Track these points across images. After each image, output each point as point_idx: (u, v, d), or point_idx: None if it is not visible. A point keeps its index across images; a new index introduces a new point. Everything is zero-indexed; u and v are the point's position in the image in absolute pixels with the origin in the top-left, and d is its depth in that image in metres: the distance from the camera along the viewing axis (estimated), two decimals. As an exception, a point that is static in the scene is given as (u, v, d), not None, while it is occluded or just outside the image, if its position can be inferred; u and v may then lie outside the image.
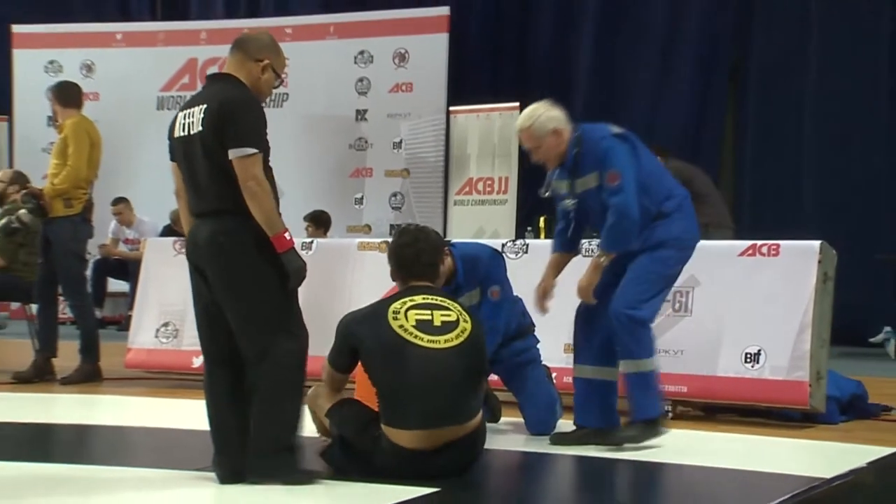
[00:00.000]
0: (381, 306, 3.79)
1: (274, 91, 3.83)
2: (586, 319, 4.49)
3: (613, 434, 4.36)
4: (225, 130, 3.46)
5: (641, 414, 4.32)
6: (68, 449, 4.67)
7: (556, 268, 4.58)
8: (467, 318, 3.77)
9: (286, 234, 3.49)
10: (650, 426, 4.30)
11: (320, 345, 6.03)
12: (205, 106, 3.53)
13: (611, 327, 4.31)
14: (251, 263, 3.50)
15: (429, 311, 3.73)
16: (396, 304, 3.74)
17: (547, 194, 4.57)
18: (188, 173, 3.59)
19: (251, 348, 3.54)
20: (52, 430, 5.00)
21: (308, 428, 4.08)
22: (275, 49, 3.70)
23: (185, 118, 3.59)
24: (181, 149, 3.60)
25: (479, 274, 4.62)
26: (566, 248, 4.61)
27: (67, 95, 6.52)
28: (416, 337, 3.64)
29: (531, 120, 4.45)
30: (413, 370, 3.61)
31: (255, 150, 3.46)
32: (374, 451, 3.71)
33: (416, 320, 3.68)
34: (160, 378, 6.43)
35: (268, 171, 3.54)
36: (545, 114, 4.45)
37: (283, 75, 3.73)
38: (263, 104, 3.62)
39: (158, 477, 3.74)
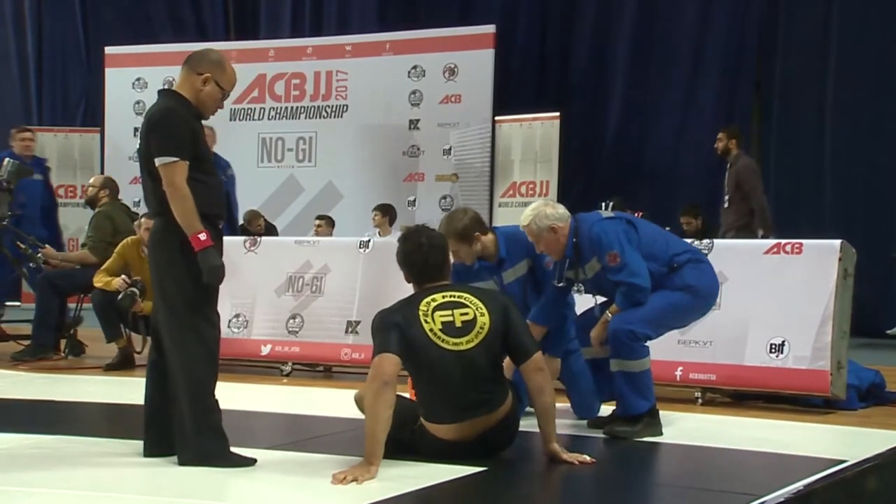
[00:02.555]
0: (411, 308, 3.68)
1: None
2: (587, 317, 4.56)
3: (611, 426, 4.30)
4: (149, 141, 3.53)
5: (629, 410, 4.25)
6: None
7: None
8: (484, 311, 3.67)
9: (201, 235, 3.46)
10: (637, 421, 4.23)
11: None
12: (144, 120, 3.64)
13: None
14: (173, 261, 3.53)
15: (450, 312, 3.65)
16: (423, 306, 3.66)
17: (562, 284, 4.48)
18: (141, 177, 3.68)
19: (168, 338, 3.56)
20: (129, 410, 5.05)
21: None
22: (219, 65, 3.65)
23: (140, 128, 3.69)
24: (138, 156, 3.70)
25: (523, 248, 4.58)
26: (543, 322, 4.49)
27: None
28: (443, 341, 3.59)
29: (529, 219, 4.41)
30: (444, 372, 3.59)
31: (174, 159, 3.47)
32: (416, 442, 3.70)
33: (442, 323, 3.62)
34: (232, 364, 6.46)
35: (200, 172, 3.52)
36: (542, 212, 4.39)
37: (228, 91, 3.68)
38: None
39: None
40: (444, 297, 3.70)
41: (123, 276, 6.35)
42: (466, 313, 3.67)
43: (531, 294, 4.64)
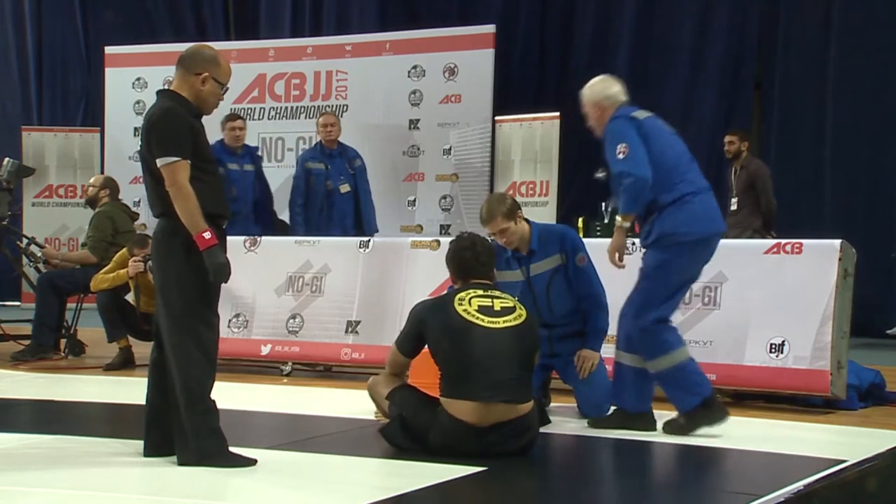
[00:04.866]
0: (448, 296, 3.94)
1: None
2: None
3: (655, 423, 4.31)
4: (149, 142, 3.54)
5: (680, 406, 4.27)
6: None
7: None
8: (522, 307, 3.94)
9: (205, 234, 3.46)
10: (692, 416, 4.22)
11: (377, 333, 6.12)
12: (144, 121, 3.64)
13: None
14: (176, 263, 3.53)
15: (489, 299, 3.88)
16: (461, 294, 3.89)
17: (602, 174, 4.53)
18: (143, 178, 3.68)
19: (168, 339, 3.56)
20: (129, 410, 5.05)
21: (360, 410, 4.08)
22: (214, 61, 3.66)
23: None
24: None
25: (555, 242, 4.69)
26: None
27: None
28: (478, 319, 3.78)
29: (586, 88, 4.52)
30: (476, 346, 3.73)
31: (175, 158, 3.48)
32: (431, 427, 3.73)
33: (479, 306, 3.83)
34: (232, 364, 6.46)
35: (202, 171, 3.53)
36: (596, 87, 4.48)
37: (226, 85, 3.69)
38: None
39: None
40: (485, 291, 3.93)
41: (129, 262, 6.35)
42: (506, 302, 3.91)
43: (558, 290, 4.67)
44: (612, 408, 4.52)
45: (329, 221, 7.57)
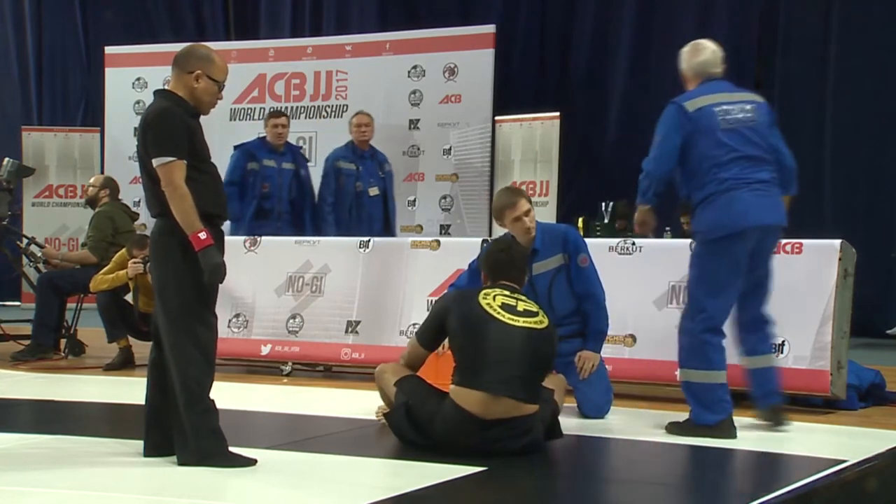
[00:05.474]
0: (474, 290, 4.00)
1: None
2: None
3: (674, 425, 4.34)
4: (146, 142, 3.54)
5: (695, 417, 4.29)
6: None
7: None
8: (546, 316, 3.95)
9: (201, 234, 3.46)
10: (701, 428, 4.23)
11: (377, 333, 6.13)
12: (141, 121, 3.64)
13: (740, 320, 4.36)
14: (173, 263, 3.53)
15: (514, 300, 3.93)
16: (487, 290, 3.96)
17: None
18: (141, 178, 3.67)
19: (166, 338, 3.56)
20: (129, 410, 5.05)
21: (362, 408, 4.07)
22: (207, 58, 3.67)
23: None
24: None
25: (557, 242, 4.73)
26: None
27: None
28: (499, 314, 3.83)
29: (680, 53, 4.47)
30: (492, 339, 3.76)
31: (171, 158, 3.48)
32: (436, 416, 3.77)
33: (502, 303, 3.88)
34: (232, 364, 6.47)
35: (198, 171, 3.53)
36: (683, 55, 4.50)
37: (222, 83, 3.69)
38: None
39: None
40: (511, 293, 3.97)
41: (129, 263, 6.35)
42: (531, 307, 3.95)
43: (560, 290, 4.69)
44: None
45: (358, 223, 7.47)
